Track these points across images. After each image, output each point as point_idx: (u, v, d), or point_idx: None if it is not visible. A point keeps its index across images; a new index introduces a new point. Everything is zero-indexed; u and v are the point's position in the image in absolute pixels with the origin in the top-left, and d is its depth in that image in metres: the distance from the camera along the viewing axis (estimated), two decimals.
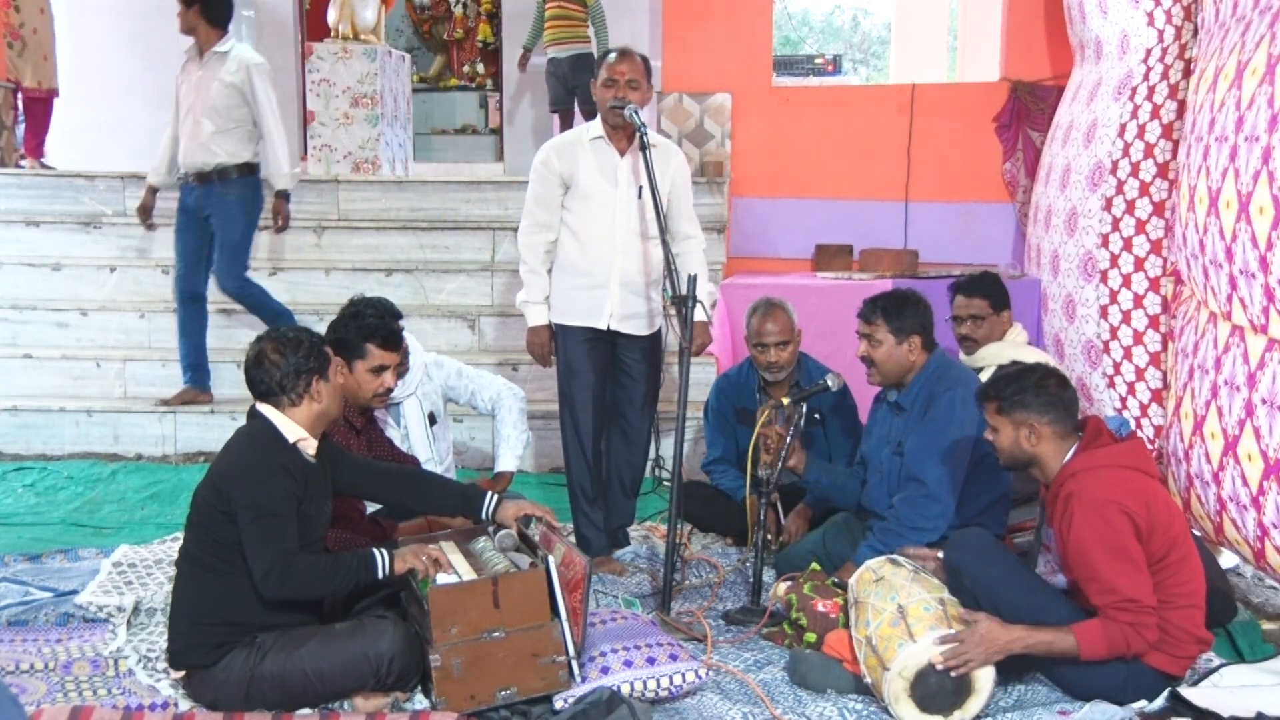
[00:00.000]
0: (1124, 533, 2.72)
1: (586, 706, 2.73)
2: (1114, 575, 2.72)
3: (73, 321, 6.05)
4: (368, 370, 3.48)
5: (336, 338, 3.46)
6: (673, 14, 6.57)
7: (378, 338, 3.50)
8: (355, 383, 3.48)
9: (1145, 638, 2.72)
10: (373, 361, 3.48)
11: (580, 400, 3.85)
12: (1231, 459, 3.36)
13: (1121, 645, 2.71)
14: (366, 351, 3.48)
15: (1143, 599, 2.71)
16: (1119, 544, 2.72)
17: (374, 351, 3.48)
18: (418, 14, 10.98)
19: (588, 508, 3.92)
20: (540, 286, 3.88)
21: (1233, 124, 3.28)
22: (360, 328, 3.50)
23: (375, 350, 3.49)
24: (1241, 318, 3.30)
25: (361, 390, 3.50)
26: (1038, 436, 2.92)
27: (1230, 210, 3.27)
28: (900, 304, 3.53)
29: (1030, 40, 6.16)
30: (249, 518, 2.74)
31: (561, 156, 3.79)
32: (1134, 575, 2.72)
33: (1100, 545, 2.73)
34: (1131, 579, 2.72)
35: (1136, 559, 2.73)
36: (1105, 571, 2.72)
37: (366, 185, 6.71)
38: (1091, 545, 2.74)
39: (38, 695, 2.94)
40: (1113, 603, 2.71)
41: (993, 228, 6.31)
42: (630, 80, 3.66)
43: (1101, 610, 2.74)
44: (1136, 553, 2.74)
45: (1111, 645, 2.72)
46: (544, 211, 3.83)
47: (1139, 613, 2.71)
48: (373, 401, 3.55)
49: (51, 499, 4.84)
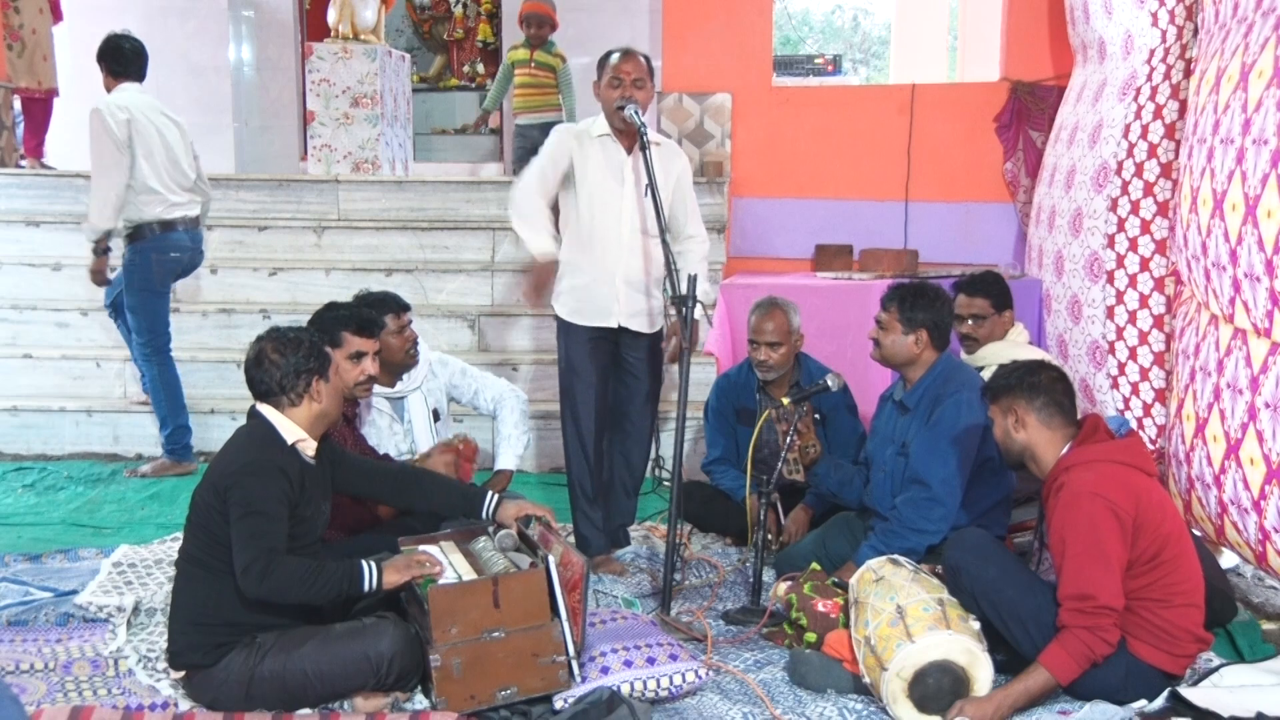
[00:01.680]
0: (1103, 529, 2.72)
1: (586, 706, 2.73)
2: (1077, 568, 2.72)
3: (73, 321, 6.06)
4: (346, 358, 3.48)
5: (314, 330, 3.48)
6: (673, 14, 6.57)
7: (353, 324, 3.51)
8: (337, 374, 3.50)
9: (1105, 639, 2.71)
10: (350, 348, 3.49)
11: (582, 399, 3.85)
12: (1233, 462, 3.36)
13: (1085, 653, 2.71)
14: (342, 339, 3.48)
15: (1098, 596, 2.69)
16: (1095, 538, 2.72)
17: (349, 338, 3.49)
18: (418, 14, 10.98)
19: (587, 507, 3.92)
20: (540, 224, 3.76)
21: (1239, 127, 3.28)
22: (334, 317, 3.53)
23: (350, 337, 3.49)
24: (1244, 321, 3.29)
25: (344, 380, 3.50)
26: (1022, 424, 2.93)
27: (1236, 213, 3.26)
28: (917, 296, 3.54)
29: (1030, 40, 6.15)
30: (238, 514, 2.74)
31: (577, 140, 3.81)
32: (1098, 572, 2.71)
33: (1075, 536, 2.73)
34: (1093, 575, 2.71)
35: (1109, 556, 2.72)
36: (1071, 562, 2.73)
37: (366, 185, 6.71)
38: (1067, 535, 2.75)
39: (38, 695, 2.94)
40: (1068, 595, 2.72)
41: (993, 228, 6.30)
42: (636, 80, 3.69)
43: (1060, 614, 2.74)
44: (1112, 551, 2.72)
45: (1077, 659, 2.72)
46: (544, 180, 3.79)
47: (1093, 613, 2.70)
48: (356, 391, 3.55)
49: (51, 499, 4.84)
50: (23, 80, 7.13)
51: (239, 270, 6.29)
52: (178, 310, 6.02)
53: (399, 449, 3.93)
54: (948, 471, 3.41)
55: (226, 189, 6.75)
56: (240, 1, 8.95)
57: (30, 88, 7.19)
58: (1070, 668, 2.72)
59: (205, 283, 6.25)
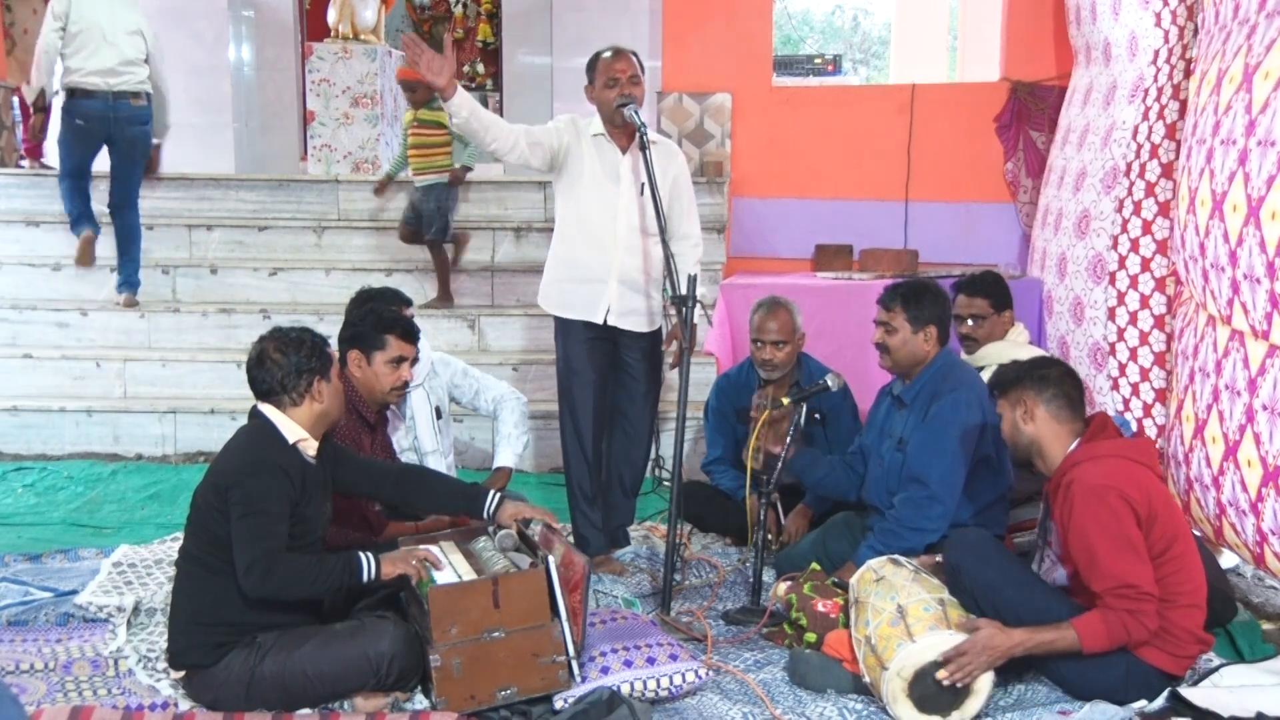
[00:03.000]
0: (1124, 518, 2.72)
1: (586, 706, 2.73)
2: (1112, 561, 2.71)
3: (73, 321, 6.05)
4: (386, 362, 3.49)
5: (355, 331, 3.48)
6: (673, 14, 6.57)
7: (398, 329, 3.52)
8: (373, 375, 3.50)
9: (1145, 625, 2.71)
10: (392, 353, 3.49)
11: (581, 399, 3.85)
12: (1232, 464, 3.35)
13: (1122, 634, 2.71)
14: (386, 343, 3.49)
15: (1141, 584, 2.70)
16: (1119, 529, 2.71)
17: (393, 343, 3.50)
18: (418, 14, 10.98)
19: (586, 508, 3.92)
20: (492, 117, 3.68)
21: (1241, 128, 3.27)
22: (379, 320, 3.53)
23: (394, 341, 3.50)
24: (1242, 323, 3.29)
25: (379, 383, 3.51)
26: (1031, 416, 2.93)
27: (1237, 214, 3.25)
28: (920, 293, 3.53)
29: (1030, 40, 6.15)
30: (239, 513, 2.74)
31: (578, 131, 3.79)
32: (1133, 561, 2.71)
33: (1100, 531, 2.72)
34: (1130, 564, 2.71)
35: (1136, 545, 2.72)
36: (1104, 557, 2.72)
37: (366, 185, 6.70)
38: (1091, 530, 2.73)
39: (38, 695, 2.94)
40: (1111, 589, 2.71)
41: (993, 228, 6.30)
42: (632, 76, 3.69)
43: (1100, 598, 2.73)
44: (1137, 539, 2.73)
45: (1112, 635, 2.71)
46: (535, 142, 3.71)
47: (1137, 599, 2.70)
48: (389, 396, 3.56)
49: (51, 499, 4.84)
50: (13, 79, 7.13)
51: (239, 270, 6.29)
52: (178, 310, 6.04)
53: (401, 445, 3.94)
54: (945, 469, 3.40)
55: (226, 189, 6.76)
56: (240, 1, 8.94)
57: (20, 86, 7.19)
58: (1101, 640, 2.71)
59: (205, 283, 6.26)
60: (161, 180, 6.58)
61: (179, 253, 6.41)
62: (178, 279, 6.27)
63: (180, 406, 5.53)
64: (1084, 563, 2.77)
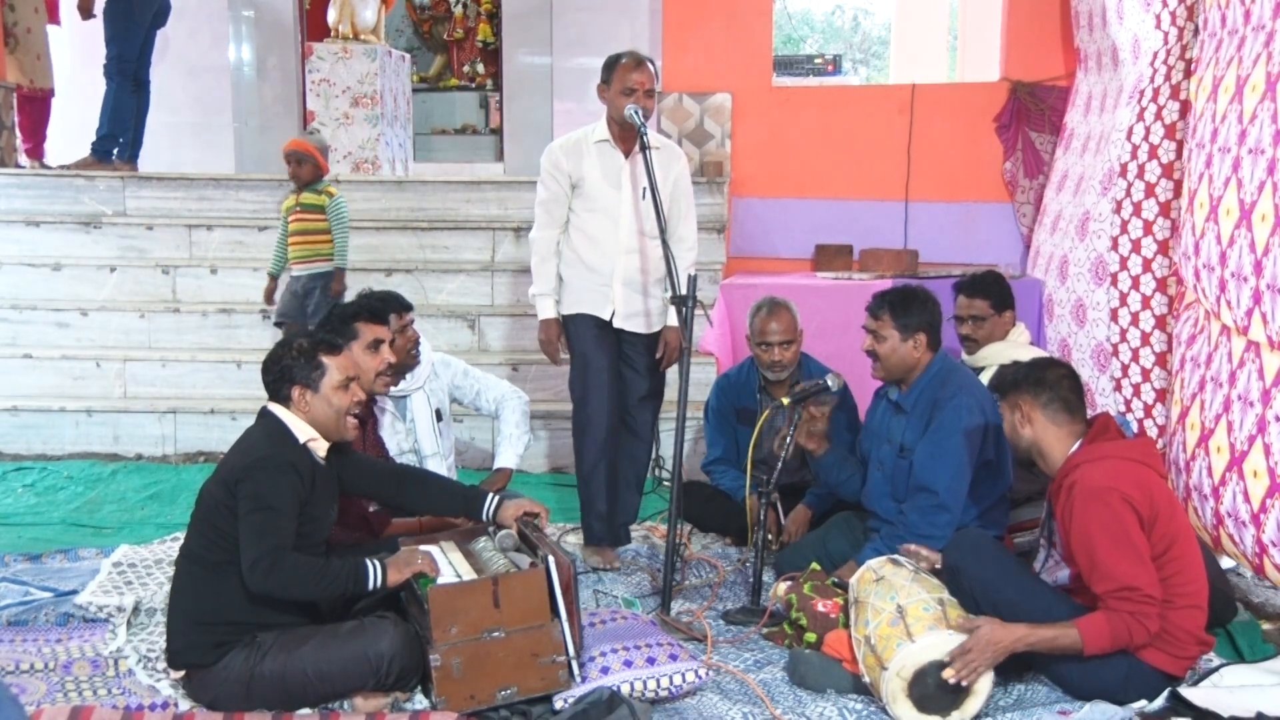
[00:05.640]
0: (1126, 520, 2.71)
1: (586, 706, 2.73)
2: (1115, 563, 2.71)
3: (73, 321, 6.05)
4: (364, 348, 3.48)
5: (327, 330, 3.48)
6: (673, 14, 6.57)
7: (364, 314, 3.53)
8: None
9: (1147, 627, 2.71)
10: (366, 337, 3.49)
11: (594, 385, 3.89)
12: (1235, 474, 3.33)
13: (1125, 636, 2.71)
14: (356, 330, 3.49)
15: (1143, 587, 2.69)
16: (1121, 531, 2.71)
17: (363, 327, 3.50)
18: (418, 14, 10.99)
19: (597, 499, 3.93)
20: (550, 274, 3.93)
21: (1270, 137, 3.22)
22: (342, 313, 3.54)
23: (364, 325, 3.50)
24: (1260, 334, 3.25)
25: (364, 373, 3.50)
26: (1028, 420, 2.93)
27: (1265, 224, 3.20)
28: (908, 300, 3.52)
29: (1030, 40, 6.15)
30: (248, 508, 2.75)
31: (569, 156, 3.87)
32: (1135, 563, 2.71)
33: (1102, 532, 2.72)
34: (1132, 567, 2.70)
35: (1139, 547, 2.72)
36: (1106, 559, 2.71)
37: (366, 185, 6.70)
38: (1093, 532, 2.73)
39: (38, 695, 2.94)
40: (1113, 590, 2.71)
41: (993, 228, 6.30)
42: (648, 91, 3.76)
43: (1103, 600, 2.73)
44: (1139, 541, 2.72)
45: (1115, 637, 2.71)
46: (556, 208, 3.90)
47: (1140, 601, 2.69)
48: (377, 384, 3.55)
49: (51, 499, 4.84)
50: (13, 77, 7.12)
51: (239, 270, 6.28)
52: (178, 310, 6.04)
53: (401, 448, 3.94)
54: (953, 478, 3.41)
55: (226, 189, 6.75)
56: (240, 1, 8.94)
57: (21, 85, 7.18)
58: (1103, 641, 2.70)
59: (205, 283, 6.25)
60: (161, 180, 6.58)
61: (179, 253, 6.41)
62: (178, 279, 6.26)
63: (180, 406, 5.53)
64: (1086, 564, 2.77)
